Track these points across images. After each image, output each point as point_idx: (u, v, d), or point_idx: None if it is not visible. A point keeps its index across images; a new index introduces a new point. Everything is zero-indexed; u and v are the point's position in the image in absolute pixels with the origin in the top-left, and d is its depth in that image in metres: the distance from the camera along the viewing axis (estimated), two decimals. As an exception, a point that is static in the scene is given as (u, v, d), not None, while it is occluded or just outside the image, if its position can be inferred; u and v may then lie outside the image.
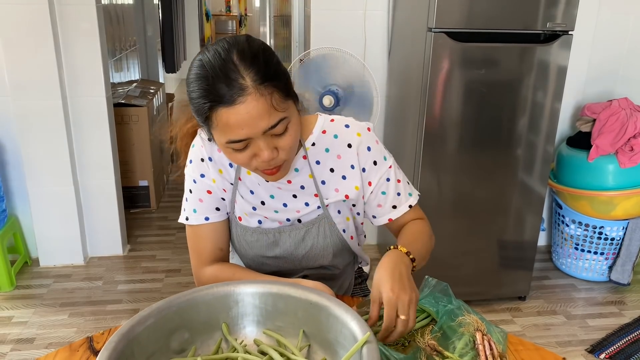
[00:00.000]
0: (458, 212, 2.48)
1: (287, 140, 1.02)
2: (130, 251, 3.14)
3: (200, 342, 0.97)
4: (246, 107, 0.94)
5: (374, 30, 2.79)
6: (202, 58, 0.99)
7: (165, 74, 6.07)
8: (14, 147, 2.78)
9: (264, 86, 0.95)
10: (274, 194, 1.19)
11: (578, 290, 2.83)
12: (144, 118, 3.46)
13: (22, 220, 2.94)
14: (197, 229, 1.20)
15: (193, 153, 1.19)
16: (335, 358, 0.92)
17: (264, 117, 0.96)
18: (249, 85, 0.94)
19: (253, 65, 0.96)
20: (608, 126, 2.60)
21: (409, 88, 2.50)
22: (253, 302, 0.99)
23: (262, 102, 0.95)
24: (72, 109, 2.77)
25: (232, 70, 0.95)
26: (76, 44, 2.68)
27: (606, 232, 2.74)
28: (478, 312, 1.03)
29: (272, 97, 0.96)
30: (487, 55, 2.26)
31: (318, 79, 2.44)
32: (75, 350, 1.02)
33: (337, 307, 0.92)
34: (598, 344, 2.37)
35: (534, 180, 2.46)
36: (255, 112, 0.95)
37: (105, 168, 2.91)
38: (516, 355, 1.03)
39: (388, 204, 1.24)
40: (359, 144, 1.17)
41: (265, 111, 0.96)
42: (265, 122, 0.97)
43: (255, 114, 0.95)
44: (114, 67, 3.90)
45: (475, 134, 2.37)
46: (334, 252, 1.24)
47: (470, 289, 2.62)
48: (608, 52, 2.90)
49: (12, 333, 2.37)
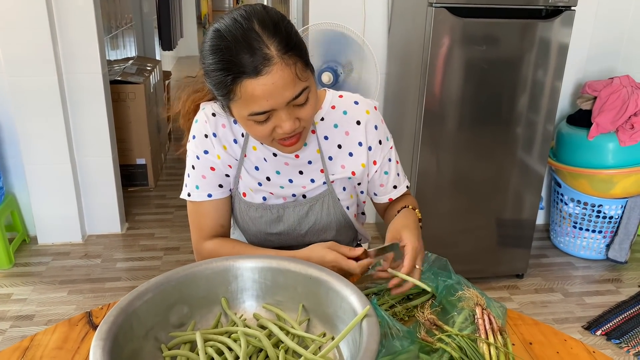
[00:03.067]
0: (457, 191, 2.47)
1: (308, 110, 1.01)
2: (128, 229, 3.13)
3: (200, 316, 0.97)
4: (272, 77, 0.92)
5: (374, 5, 2.75)
6: (220, 27, 0.95)
7: (162, 51, 6.01)
8: (10, 124, 2.76)
9: (288, 55, 0.93)
10: (280, 169, 1.18)
11: (575, 268, 2.84)
12: (140, 95, 3.43)
13: (20, 198, 2.93)
14: (199, 205, 1.19)
15: (196, 129, 1.17)
16: (334, 332, 0.92)
17: (289, 87, 0.94)
18: (274, 54, 0.92)
19: (276, 34, 0.93)
20: (609, 104, 2.58)
21: (409, 65, 2.48)
22: (252, 277, 0.99)
23: (288, 72, 0.93)
24: (68, 86, 2.73)
25: (256, 39, 0.92)
26: (71, 19, 2.63)
27: (605, 211, 2.74)
28: (477, 287, 1.03)
29: (296, 67, 0.95)
30: (488, 31, 2.23)
31: (317, 55, 2.40)
32: (74, 325, 1.02)
33: (337, 282, 0.92)
34: (594, 321, 2.39)
35: (534, 158, 2.45)
36: (281, 82, 0.93)
37: (102, 146, 2.89)
38: (515, 330, 1.03)
39: (390, 183, 1.26)
40: (367, 121, 1.17)
41: (291, 81, 0.94)
42: (290, 92, 0.95)
43: (281, 84, 0.93)
44: (110, 44, 3.85)
45: (475, 112, 2.35)
46: (337, 229, 1.24)
47: (468, 266, 2.63)
48: (610, 29, 2.87)
49: (11, 310, 2.37)
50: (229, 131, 1.16)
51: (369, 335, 0.79)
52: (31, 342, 0.97)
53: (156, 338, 0.91)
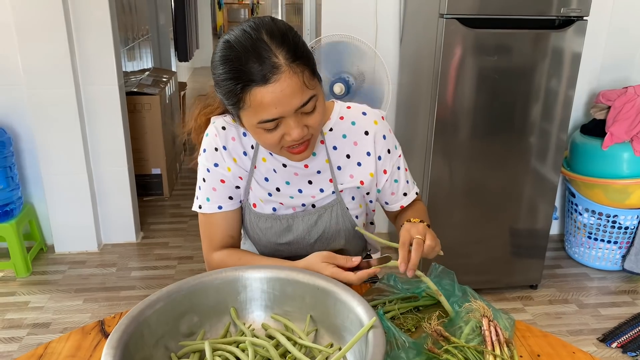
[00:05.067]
0: (470, 200, 2.47)
1: (316, 117, 1.03)
2: (143, 238, 3.17)
3: (209, 326, 0.98)
4: (281, 85, 0.95)
5: (386, 17, 2.76)
6: (230, 38, 0.98)
7: (178, 62, 6.09)
8: (29, 135, 2.82)
9: (296, 64, 0.96)
10: (289, 180, 1.20)
11: (591, 279, 2.81)
12: (156, 106, 3.48)
13: (38, 208, 2.98)
14: (209, 217, 1.22)
15: (207, 142, 1.19)
16: (341, 343, 0.93)
17: (297, 95, 0.97)
18: (282, 63, 0.95)
19: (284, 43, 0.96)
20: (623, 113, 2.56)
21: (421, 75, 2.48)
22: (261, 287, 1.00)
23: (296, 80, 0.96)
24: (85, 98, 2.79)
25: (264, 49, 0.95)
26: (89, 32, 2.69)
27: (620, 221, 2.71)
28: (484, 299, 1.03)
29: (304, 75, 0.98)
30: (499, 42, 2.24)
31: (329, 66, 2.43)
32: (87, 333, 1.04)
33: (344, 293, 0.93)
34: (610, 333, 2.36)
35: (547, 168, 2.44)
36: (290, 90, 0.96)
37: (118, 156, 2.94)
38: (524, 342, 1.03)
39: (400, 191, 1.28)
40: (375, 132, 1.19)
41: (298, 89, 0.97)
42: (298, 100, 0.98)
43: (289, 92, 0.96)
44: (127, 56, 3.92)
45: (488, 122, 2.35)
46: (345, 238, 1.25)
47: (481, 277, 2.62)
48: (624, 38, 2.85)
49: (28, 318, 2.41)
50: (238, 144, 1.18)
51: (375, 347, 0.80)
52: (45, 349, 1.00)
53: (166, 347, 0.92)
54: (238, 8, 11.72)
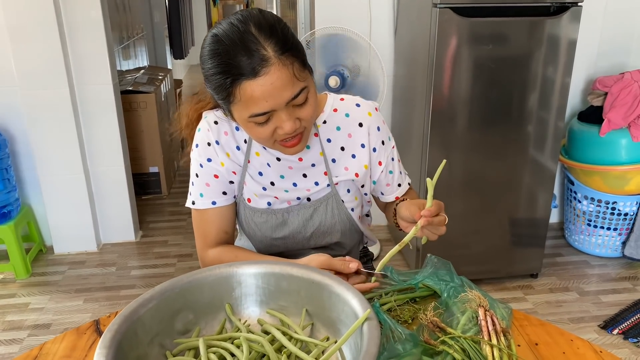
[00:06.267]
0: (468, 191, 2.46)
1: (308, 110, 1.02)
2: (142, 237, 3.17)
3: (205, 322, 0.98)
4: (270, 77, 0.94)
5: (380, 8, 2.75)
6: (217, 32, 0.97)
7: (173, 60, 6.06)
8: (24, 137, 2.81)
9: (285, 56, 0.95)
10: (284, 174, 1.19)
11: (591, 266, 2.80)
12: (152, 104, 3.47)
13: (36, 209, 2.97)
14: (203, 212, 1.21)
15: (199, 137, 1.18)
16: (337, 336, 0.92)
17: (287, 87, 0.96)
18: (271, 55, 0.94)
19: (272, 35, 0.95)
20: (620, 99, 2.55)
21: (416, 66, 2.47)
22: (256, 283, 0.99)
23: (285, 72, 0.95)
24: (80, 97, 2.78)
25: (252, 41, 0.94)
26: (82, 32, 2.68)
27: (619, 208, 2.70)
28: (484, 289, 1.02)
29: (294, 67, 0.96)
30: (494, 30, 2.22)
31: (323, 59, 2.42)
32: (82, 333, 1.04)
33: (339, 286, 0.92)
34: (611, 320, 2.35)
35: (545, 156, 2.43)
36: (280, 82, 0.95)
37: (115, 155, 2.93)
38: (521, 331, 1.02)
39: (395, 182, 1.27)
40: (370, 123, 1.18)
41: (289, 81, 0.96)
42: (288, 92, 0.96)
43: (279, 84, 0.95)
44: (122, 55, 3.91)
45: (484, 111, 2.34)
46: (341, 231, 1.25)
47: (481, 267, 2.61)
48: (620, 23, 2.83)
49: (28, 319, 2.41)
50: (231, 138, 1.17)
51: (369, 339, 0.79)
52: (40, 350, 0.99)
53: (161, 345, 0.92)
54: (233, 4, 11.66)
